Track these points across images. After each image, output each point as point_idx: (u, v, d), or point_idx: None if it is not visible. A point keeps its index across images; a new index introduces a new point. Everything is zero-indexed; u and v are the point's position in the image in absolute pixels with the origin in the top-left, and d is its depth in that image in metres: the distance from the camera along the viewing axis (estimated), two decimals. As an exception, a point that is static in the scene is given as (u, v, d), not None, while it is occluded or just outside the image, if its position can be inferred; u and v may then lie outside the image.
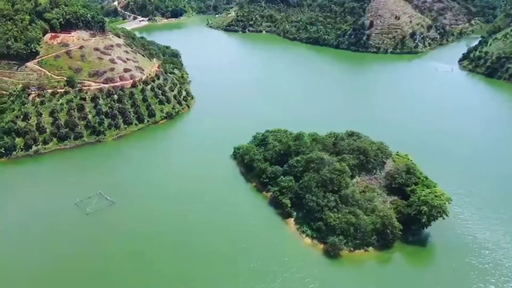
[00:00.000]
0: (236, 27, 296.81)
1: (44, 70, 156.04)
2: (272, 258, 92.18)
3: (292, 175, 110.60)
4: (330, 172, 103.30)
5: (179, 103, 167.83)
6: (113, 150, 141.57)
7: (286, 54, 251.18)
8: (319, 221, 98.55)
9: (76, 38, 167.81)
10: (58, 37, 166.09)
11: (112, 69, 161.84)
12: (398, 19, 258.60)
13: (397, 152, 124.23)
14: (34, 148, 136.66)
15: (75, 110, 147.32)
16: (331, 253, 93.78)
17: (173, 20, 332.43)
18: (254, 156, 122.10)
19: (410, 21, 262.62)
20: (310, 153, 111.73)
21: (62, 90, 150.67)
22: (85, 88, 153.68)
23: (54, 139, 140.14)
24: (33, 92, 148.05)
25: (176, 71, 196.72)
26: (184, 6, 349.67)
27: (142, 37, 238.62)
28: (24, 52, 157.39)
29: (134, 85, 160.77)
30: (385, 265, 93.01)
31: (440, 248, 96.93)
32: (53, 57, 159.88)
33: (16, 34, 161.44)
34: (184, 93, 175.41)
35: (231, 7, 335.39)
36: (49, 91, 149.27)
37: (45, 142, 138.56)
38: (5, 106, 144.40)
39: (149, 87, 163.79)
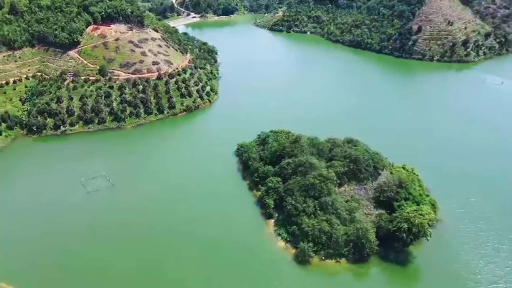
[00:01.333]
0: (281, 27, 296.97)
1: (81, 58, 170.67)
2: (243, 258, 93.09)
3: (281, 177, 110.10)
4: (314, 178, 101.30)
5: (201, 97, 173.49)
6: (129, 137, 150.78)
7: (324, 56, 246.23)
8: (295, 225, 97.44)
9: (114, 30, 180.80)
10: (98, 29, 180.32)
11: (141, 61, 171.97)
12: (451, 25, 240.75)
13: (403, 165, 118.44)
14: (62, 128, 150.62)
15: (102, 97, 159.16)
16: (300, 259, 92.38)
17: (223, 17, 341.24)
18: (250, 155, 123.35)
19: (465, 28, 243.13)
20: (301, 156, 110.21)
21: (94, 78, 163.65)
22: (114, 77, 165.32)
23: (80, 122, 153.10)
24: (68, 78, 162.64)
25: (207, 66, 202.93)
26: (236, 5, 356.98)
27: (185, 33, 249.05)
28: (67, 41, 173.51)
29: (159, 77, 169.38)
30: (352, 279, 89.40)
31: (422, 271, 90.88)
32: (91, 47, 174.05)
33: (64, 25, 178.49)
34: (208, 88, 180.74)
35: (281, 7, 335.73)
36: (83, 78, 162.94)
37: (72, 124, 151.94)
38: (44, 89, 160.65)
39: (173, 80, 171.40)
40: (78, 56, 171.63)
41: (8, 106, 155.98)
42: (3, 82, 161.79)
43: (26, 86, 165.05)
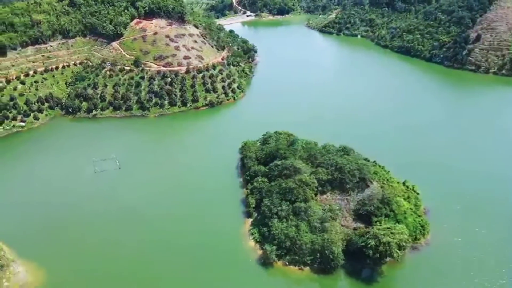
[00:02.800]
0: (331, 29, 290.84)
1: (121, 49, 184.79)
2: (208, 253, 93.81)
3: (268, 178, 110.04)
4: (294, 182, 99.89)
5: (225, 94, 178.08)
6: (149, 125, 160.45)
7: (368, 61, 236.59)
8: (266, 227, 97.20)
9: (154, 25, 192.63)
10: (141, 23, 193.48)
11: (173, 55, 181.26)
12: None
13: (405, 180, 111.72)
14: (93, 112, 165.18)
15: (133, 86, 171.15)
16: (263, 262, 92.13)
17: (278, 17, 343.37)
18: (247, 153, 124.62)
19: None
20: (291, 159, 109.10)
21: (128, 68, 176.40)
22: (147, 68, 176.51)
23: (110, 108, 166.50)
24: (107, 67, 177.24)
25: (242, 64, 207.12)
26: (293, 5, 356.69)
27: (231, 31, 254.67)
28: (112, 33, 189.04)
29: (187, 72, 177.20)
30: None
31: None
32: (131, 40, 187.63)
33: (112, 18, 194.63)
34: (235, 85, 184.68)
35: (338, 9, 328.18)
36: (119, 67, 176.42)
37: (102, 109, 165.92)
38: (86, 75, 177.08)
39: (200, 75, 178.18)
40: (119, 47, 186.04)
41: (54, 89, 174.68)
42: (54, 66, 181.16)
43: (72, 72, 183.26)
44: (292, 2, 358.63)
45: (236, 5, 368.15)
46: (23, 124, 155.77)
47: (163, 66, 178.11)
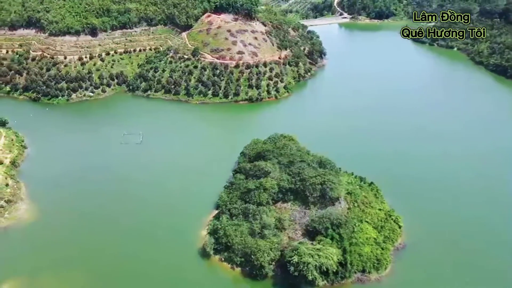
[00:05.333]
0: (425, 38, 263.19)
1: (186, 39, 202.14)
2: (160, 237, 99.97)
3: (245, 176, 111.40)
4: (254, 183, 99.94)
5: (268, 92, 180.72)
6: (188, 110, 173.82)
7: (449, 78, 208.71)
8: (219, 221, 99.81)
9: (221, 19, 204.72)
10: (210, 16, 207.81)
11: (229, 49, 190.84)
12: None
13: (391, 210, 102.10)
14: (148, 92, 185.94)
15: (186, 73, 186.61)
16: (202, 253, 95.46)
17: (375, 21, 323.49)
18: (244, 150, 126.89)
19: None
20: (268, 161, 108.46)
21: (187, 57, 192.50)
22: (202, 59, 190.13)
23: (162, 90, 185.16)
24: (169, 53, 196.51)
25: (302, 65, 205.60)
26: (396, 9, 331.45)
27: (309, 31, 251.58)
28: (184, 24, 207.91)
29: (237, 66, 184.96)
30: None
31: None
32: (197, 32, 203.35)
33: (188, 10, 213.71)
34: (281, 85, 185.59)
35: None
36: (179, 55, 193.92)
37: (156, 91, 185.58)
38: (152, 60, 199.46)
39: (248, 70, 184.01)
40: (185, 37, 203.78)
41: (127, 68, 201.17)
42: (132, 49, 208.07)
43: (146, 55, 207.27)
44: (395, 6, 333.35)
45: (336, 6, 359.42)
46: (92, 94, 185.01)
47: (217, 58, 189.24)
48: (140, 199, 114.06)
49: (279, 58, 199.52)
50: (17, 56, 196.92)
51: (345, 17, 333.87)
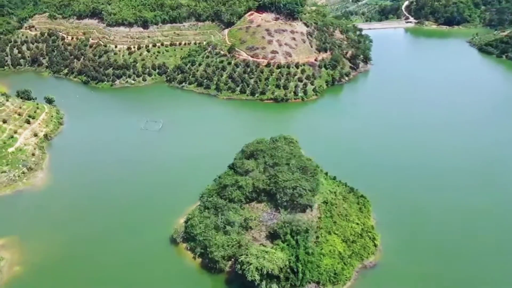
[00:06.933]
0: (493, 49, 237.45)
1: (226, 36, 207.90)
2: (146, 214, 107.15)
3: (234, 171, 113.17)
4: (230, 180, 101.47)
5: (295, 93, 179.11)
6: (215, 105, 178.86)
7: (496, 96, 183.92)
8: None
9: (261, 18, 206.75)
10: (252, 15, 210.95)
11: (263, 48, 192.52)
12: None
13: (371, 226, 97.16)
14: (182, 84, 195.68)
15: (219, 69, 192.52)
16: (171, 240, 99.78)
17: (443, 27, 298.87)
18: (244, 148, 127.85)
19: None
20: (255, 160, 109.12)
21: (223, 53, 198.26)
22: (236, 55, 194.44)
23: (195, 83, 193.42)
24: (208, 49, 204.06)
25: (338, 69, 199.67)
26: (470, 15, 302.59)
27: (361, 35, 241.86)
28: (227, 21, 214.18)
29: (268, 65, 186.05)
30: (187, 278, 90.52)
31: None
32: (237, 29, 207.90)
33: (234, 7, 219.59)
34: (310, 87, 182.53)
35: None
36: (216, 51, 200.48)
37: (190, 83, 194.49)
38: (192, 53, 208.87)
39: (278, 70, 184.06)
40: (226, 34, 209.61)
41: (170, 60, 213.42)
42: (178, 42, 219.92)
43: (189, 49, 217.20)
44: (470, 12, 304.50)
45: (403, 10, 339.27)
46: (133, 82, 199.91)
47: (251, 56, 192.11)
48: (141, 182, 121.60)
49: (315, 60, 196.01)
50: (79, 42, 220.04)
51: (410, 22, 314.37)
